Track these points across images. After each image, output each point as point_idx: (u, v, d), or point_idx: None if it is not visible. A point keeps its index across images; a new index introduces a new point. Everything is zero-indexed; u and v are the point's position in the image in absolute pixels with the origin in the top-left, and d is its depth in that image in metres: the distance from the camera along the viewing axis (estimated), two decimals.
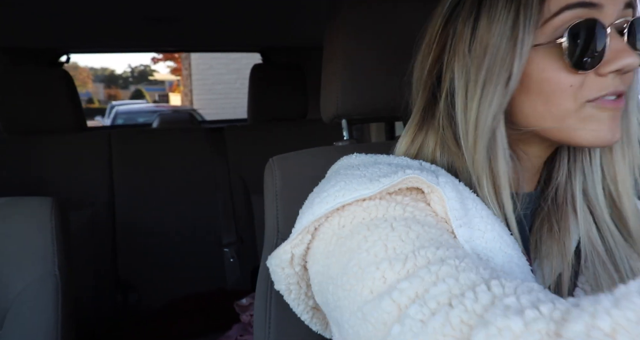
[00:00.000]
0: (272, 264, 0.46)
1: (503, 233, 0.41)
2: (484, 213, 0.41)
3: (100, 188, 1.65)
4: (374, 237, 0.37)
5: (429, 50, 0.47)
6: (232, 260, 1.73)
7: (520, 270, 0.39)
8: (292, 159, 0.71)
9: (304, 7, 1.41)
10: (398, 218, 0.38)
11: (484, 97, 0.42)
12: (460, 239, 0.38)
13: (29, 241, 0.78)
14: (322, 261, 0.41)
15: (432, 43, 0.47)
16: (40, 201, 0.81)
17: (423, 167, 0.45)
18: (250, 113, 1.88)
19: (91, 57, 14.66)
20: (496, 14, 0.41)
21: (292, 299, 0.48)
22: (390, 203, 0.40)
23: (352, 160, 0.49)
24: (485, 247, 0.39)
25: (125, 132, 1.80)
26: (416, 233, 0.36)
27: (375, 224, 0.38)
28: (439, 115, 0.47)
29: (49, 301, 0.76)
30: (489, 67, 0.41)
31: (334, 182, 0.43)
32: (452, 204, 0.40)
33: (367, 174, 0.43)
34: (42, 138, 1.60)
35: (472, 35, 0.42)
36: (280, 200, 0.67)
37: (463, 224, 0.39)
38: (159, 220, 1.70)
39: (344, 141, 0.81)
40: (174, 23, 1.55)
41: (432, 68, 0.47)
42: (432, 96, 0.48)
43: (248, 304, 1.41)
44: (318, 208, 0.41)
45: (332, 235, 0.40)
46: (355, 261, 0.36)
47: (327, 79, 0.75)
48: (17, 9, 1.27)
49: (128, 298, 1.64)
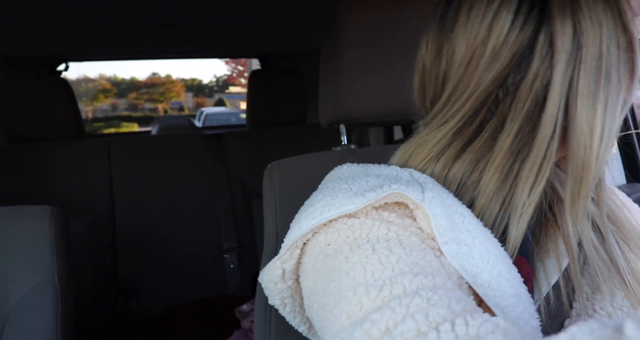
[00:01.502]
0: (264, 279, 0.45)
1: (492, 247, 0.40)
2: (471, 227, 0.40)
3: (100, 195, 1.65)
4: (355, 258, 0.37)
5: (492, 56, 0.41)
6: (232, 266, 1.73)
7: (510, 284, 0.38)
8: (291, 164, 0.71)
9: (302, 13, 1.42)
10: (381, 239, 0.38)
11: (608, 107, 0.38)
12: (447, 256, 0.38)
13: (28, 249, 0.78)
14: (311, 278, 0.41)
15: (499, 48, 0.40)
16: (40, 210, 0.81)
17: (412, 179, 0.43)
18: (249, 118, 1.89)
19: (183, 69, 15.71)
20: (597, 14, 0.38)
21: (287, 312, 0.48)
22: (375, 221, 0.39)
23: (343, 171, 0.48)
24: (473, 263, 0.38)
25: (124, 139, 1.81)
26: (397, 256, 0.36)
27: (357, 243, 0.38)
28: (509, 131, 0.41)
29: (49, 309, 0.76)
30: (606, 76, 0.38)
31: (321, 196, 0.43)
32: (437, 220, 0.39)
33: (353, 188, 0.42)
34: (42, 146, 1.61)
35: (576, 38, 0.38)
36: (280, 206, 0.67)
37: (449, 240, 0.39)
38: (159, 226, 1.70)
39: (343, 146, 0.81)
40: (174, 30, 1.56)
41: (499, 77, 0.41)
42: (488, 108, 0.42)
43: (249, 310, 1.41)
44: (305, 223, 0.41)
45: (319, 252, 0.40)
46: (335, 282, 0.36)
47: (324, 84, 0.76)
48: (16, 18, 1.28)
49: (128, 305, 1.63)
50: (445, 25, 0.44)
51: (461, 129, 0.44)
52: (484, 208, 0.43)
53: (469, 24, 0.42)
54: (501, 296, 0.38)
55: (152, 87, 13.17)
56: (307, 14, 1.43)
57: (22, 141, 1.60)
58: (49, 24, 1.39)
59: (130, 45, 1.82)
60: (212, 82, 14.56)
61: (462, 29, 0.43)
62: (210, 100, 14.15)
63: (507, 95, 0.41)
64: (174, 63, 19.25)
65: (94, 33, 1.55)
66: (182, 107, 13.49)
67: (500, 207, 0.42)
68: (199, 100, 14.42)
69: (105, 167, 1.67)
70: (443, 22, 0.45)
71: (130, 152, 1.72)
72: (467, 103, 0.43)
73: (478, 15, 0.41)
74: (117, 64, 20.26)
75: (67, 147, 1.63)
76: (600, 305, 0.46)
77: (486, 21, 0.41)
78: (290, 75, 1.86)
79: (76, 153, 1.64)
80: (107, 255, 1.64)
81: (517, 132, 0.41)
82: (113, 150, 1.69)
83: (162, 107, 13.16)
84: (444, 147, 0.45)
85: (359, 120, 0.74)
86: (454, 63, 0.43)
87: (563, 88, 0.39)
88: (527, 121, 0.40)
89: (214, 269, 1.72)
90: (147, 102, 13.08)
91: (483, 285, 0.38)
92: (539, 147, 0.40)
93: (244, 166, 1.76)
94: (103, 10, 1.27)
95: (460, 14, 0.43)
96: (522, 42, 0.40)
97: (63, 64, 2.05)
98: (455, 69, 0.43)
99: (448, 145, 0.45)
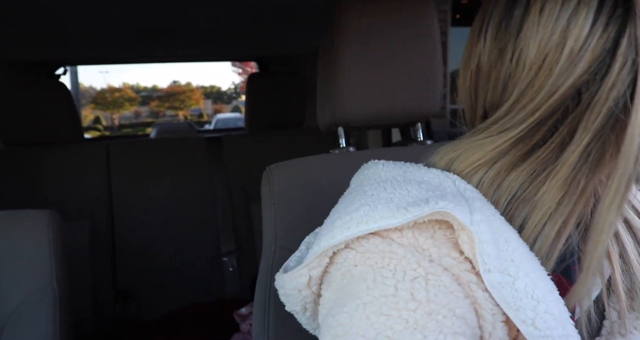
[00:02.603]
0: (287, 287, 0.43)
1: (538, 279, 0.36)
2: (516, 255, 0.36)
3: (98, 199, 1.64)
4: (375, 292, 0.35)
5: (570, 61, 0.38)
6: (231, 269, 1.72)
7: (557, 322, 0.35)
8: (289, 167, 0.71)
9: (300, 16, 1.42)
10: (407, 276, 0.36)
11: None
12: (488, 286, 0.35)
13: (26, 253, 0.78)
14: (336, 292, 0.39)
15: (577, 53, 0.37)
16: (38, 214, 0.81)
17: (458, 190, 0.40)
18: (247, 121, 1.89)
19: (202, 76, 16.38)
20: None
21: (307, 317, 0.46)
22: (406, 251, 0.37)
23: (380, 171, 0.45)
24: (515, 295, 0.35)
25: (123, 143, 1.80)
26: (417, 303, 0.34)
27: (382, 275, 0.36)
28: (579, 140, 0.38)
29: (48, 314, 0.76)
30: None
31: (358, 204, 0.40)
32: (483, 247, 0.36)
33: (394, 198, 0.39)
34: (40, 150, 1.61)
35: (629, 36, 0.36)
36: (278, 209, 0.67)
37: (492, 268, 0.36)
38: (158, 229, 1.69)
39: (341, 149, 0.81)
40: (172, 34, 1.56)
41: (575, 84, 0.38)
42: (559, 117, 0.39)
43: (247, 313, 1.41)
44: (339, 232, 0.38)
45: (347, 270, 0.38)
46: (349, 311, 0.35)
47: (322, 86, 0.76)
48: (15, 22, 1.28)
49: (127, 309, 1.63)
50: (510, 24, 0.41)
51: (524, 137, 0.40)
52: (538, 227, 0.39)
53: (540, 24, 0.38)
54: (546, 336, 0.34)
55: (173, 95, 13.68)
56: (305, 17, 1.43)
57: (21, 145, 1.60)
58: (48, 29, 1.39)
59: (128, 50, 1.82)
60: (231, 89, 15.07)
61: (532, 30, 0.39)
62: (227, 107, 14.66)
63: (580, 103, 0.38)
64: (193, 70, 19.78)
65: (92, 38, 1.55)
66: (202, 113, 14.09)
67: (561, 227, 0.38)
68: (218, 107, 14.98)
69: (103, 170, 1.67)
70: (507, 20, 0.41)
71: (129, 156, 1.72)
72: (537, 111, 0.39)
73: (552, 15, 0.38)
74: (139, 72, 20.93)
75: (65, 150, 1.63)
76: (635, 325, 0.43)
77: (561, 21, 0.37)
78: (288, 79, 1.86)
79: (75, 157, 1.64)
80: (106, 260, 1.63)
81: (587, 143, 0.38)
82: (112, 153, 1.69)
83: (182, 113, 13.59)
84: (501, 153, 0.41)
85: (357, 122, 0.75)
86: (522, 67, 0.40)
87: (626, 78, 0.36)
88: (601, 132, 0.37)
89: (213, 272, 1.72)
90: (168, 109, 13.55)
91: (526, 322, 0.35)
92: (623, 159, 0.36)
93: (243, 169, 1.76)
94: (101, 15, 1.28)
95: (530, 12, 0.39)
96: (604, 46, 0.36)
97: (61, 68, 2.05)
98: (523, 74, 0.40)
99: (506, 152, 0.41)
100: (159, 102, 13.79)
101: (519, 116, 0.40)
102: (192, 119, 12.74)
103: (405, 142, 0.88)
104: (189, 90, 13.87)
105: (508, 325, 0.36)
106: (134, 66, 5.10)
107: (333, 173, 0.70)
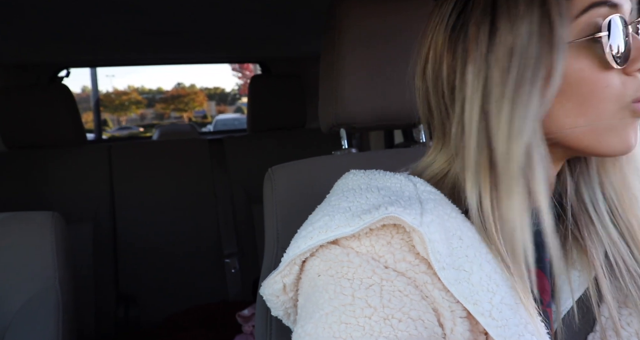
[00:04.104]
0: (266, 293, 0.46)
1: (492, 272, 0.38)
2: (470, 252, 0.39)
3: (100, 201, 1.65)
4: (335, 302, 0.37)
5: (438, 66, 0.44)
6: (233, 271, 1.72)
7: (513, 312, 0.37)
8: (290, 169, 0.71)
9: (302, 18, 1.43)
10: (362, 285, 0.38)
11: (518, 101, 0.39)
12: (445, 282, 0.37)
13: (29, 256, 0.78)
14: (303, 297, 0.42)
15: (440, 52, 0.44)
16: (41, 215, 0.81)
17: (416, 194, 0.42)
18: (249, 123, 1.89)
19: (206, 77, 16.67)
20: (518, 13, 0.39)
21: (291, 321, 0.48)
22: (362, 260, 0.39)
23: (349, 180, 0.47)
24: (472, 289, 0.37)
25: (125, 145, 1.81)
26: (372, 310, 0.36)
27: (341, 286, 0.38)
28: (456, 127, 0.43)
29: (50, 316, 0.76)
30: (519, 69, 0.39)
31: (321, 214, 0.43)
32: (434, 246, 0.38)
33: (352, 207, 0.41)
34: (42, 152, 1.61)
35: (490, 38, 0.40)
36: (280, 210, 0.67)
37: (446, 265, 0.38)
38: (160, 232, 1.70)
39: (343, 150, 0.81)
40: (174, 37, 1.57)
41: (448, 78, 0.44)
42: (445, 108, 0.45)
43: (250, 315, 1.41)
44: (302, 242, 0.41)
45: (312, 278, 0.41)
46: (314, 321, 0.37)
47: (324, 88, 0.76)
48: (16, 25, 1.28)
49: (129, 312, 1.63)
50: None
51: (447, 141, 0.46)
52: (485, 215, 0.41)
53: (421, 41, 0.47)
54: (504, 326, 0.36)
55: (177, 97, 14.01)
56: (308, 19, 1.43)
57: (23, 147, 1.60)
58: (49, 32, 1.39)
59: (130, 52, 1.82)
60: (235, 90, 15.32)
61: (418, 46, 0.47)
62: (231, 108, 14.93)
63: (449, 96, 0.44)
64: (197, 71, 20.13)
65: (94, 40, 1.56)
66: (206, 115, 14.48)
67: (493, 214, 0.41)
68: (221, 108, 15.31)
69: (106, 173, 1.67)
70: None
71: (131, 158, 1.72)
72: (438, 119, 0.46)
73: (425, 32, 0.46)
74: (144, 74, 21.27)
75: (68, 153, 1.64)
76: (627, 321, 0.44)
77: (427, 37, 0.46)
78: (290, 80, 1.87)
79: (77, 159, 1.65)
80: (108, 262, 1.64)
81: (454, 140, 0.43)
82: (114, 156, 1.70)
83: (186, 115, 13.89)
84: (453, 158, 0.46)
85: (359, 124, 0.75)
86: (416, 77, 0.48)
87: (477, 88, 0.41)
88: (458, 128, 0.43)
89: (215, 274, 1.72)
90: (173, 111, 13.85)
91: (484, 314, 0.36)
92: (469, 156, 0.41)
93: (245, 171, 1.76)
94: (103, 18, 1.28)
95: (423, 32, 0.47)
96: (450, 55, 0.43)
97: (64, 70, 2.06)
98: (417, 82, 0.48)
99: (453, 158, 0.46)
100: (164, 105, 14.07)
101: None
102: (196, 121, 12.98)
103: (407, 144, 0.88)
104: (192, 92, 14.15)
105: (470, 320, 0.38)
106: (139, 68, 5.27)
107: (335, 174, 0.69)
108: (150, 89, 14.43)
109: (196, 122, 11.44)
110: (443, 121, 0.46)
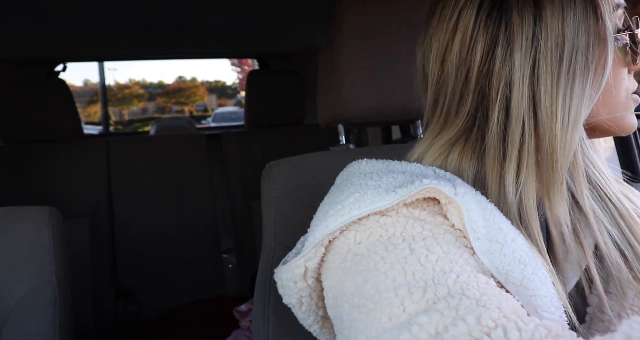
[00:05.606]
0: (283, 278, 0.44)
1: (523, 245, 0.39)
2: (502, 225, 0.39)
3: (98, 196, 1.64)
4: (392, 258, 0.36)
5: (466, 50, 0.43)
6: (231, 266, 1.73)
7: (542, 284, 0.38)
8: (288, 165, 0.71)
9: (301, 13, 1.42)
10: (417, 237, 0.37)
11: (573, 91, 0.40)
12: (478, 252, 0.37)
13: (26, 250, 0.78)
14: (337, 276, 0.39)
15: (470, 41, 0.43)
16: (39, 210, 0.81)
17: (438, 175, 0.43)
18: (247, 119, 1.89)
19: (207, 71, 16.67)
20: (563, 2, 0.40)
21: (302, 311, 0.46)
22: (407, 219, 0.39)
23: (364, 166, 0.47)
24: (504, 260, 0.38)
25: (123, 140, 1.81)
26: (436, 255, 0.35)
27: (393, 243, 0.37)
28: (492, 120, 0.43)
29: (47, 311, 0.76)
30: (571, 59, 0.40)
31: (347, 193, 0.41)
32: (470, 215, 0.38)
33: (382, 184, 0.41)
34: (40, 147, 1.60)
35: (536, 25, 0.40)
36: (277, 206, 0.67)
37: (481, 236, 0.38)
38: (158, 227, 1.70)
39: (341, 146, 0.81)
40: (172, 31, 1.56)
41: (480, 68, 0.43)
42: (461, 93, 0.45)
43: (247, 310, 1.41)
44: (332, 221, 0.40)
45: (348, 250, 0.39)
46: (372, 283, 0.35)
47: (322, 84, 0.76)
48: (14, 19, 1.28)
49: (127, 307, 1.63)
50: (424, 28, 0.48)
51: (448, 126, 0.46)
52: (509, 198, 0.42)
53: (439, 25, 0.45)
54: (534, 295, 0.37)
55: (179, 91, 14.18)
56: (306, 15, 1.43)
57: (21, 142, 1.60)
58: (47, 26, 1.38)
59: (128, 46, 1.82)
60: (235, 84, 15.39)
61: (433, 31, 0.46)
62: (232, 101, 15.12)
63: (480, 90, 0.43)
64: (198, 65, 20.00)
65: (92, 34, 1.55)
66: (207, 108, 14.74)
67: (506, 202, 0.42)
68: (222, 102, 15.51)
69: (103, 167, 1.67)
70: (426, 24, 0.48)
71: (129, 153, 1.72)
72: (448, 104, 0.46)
73: (446, 16, 0.44)
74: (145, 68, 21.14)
75: (65, 148, 1.63)
76: (609, 305, 0.45)
77: (452, 21, 0.44)
78: (288, 76, 1.86)
79: (75, 154, 1.64)
80: (106, 257, 1.64)
81: (496, 124, 0.42)
82: (112, 150, 1.69)
83: (187, 109, 14.09)
84: (450, 145, 0.47)
85: (358, 119, 0.75)
86: (430, 62, 0.47)
87: (525, 74, 0.41)
88: (501, 113, 0.42)
89: (213, 270, 1.72)
90: (174, 105, 14.02)
91: (515, 284, 0.37)
92: (514, 139, 0.42)
93: (242, 166, 1.76)
94: (101, 12, 1.27)
95: (434, 15, 0.46)
96: (486, 39, 0.42)
97: (61, 64, 2.05)
98: (433, 68, 0.47)
99: (453, 143, 0.46)
100: (166, 98, 14.25)
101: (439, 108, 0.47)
102: (197, 114, 13.12)
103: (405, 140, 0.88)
104: (193, 86, 14.33)
105: None
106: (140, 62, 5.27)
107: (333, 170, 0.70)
108: (151, 82, 14.52)
109: (197, 116, 11.50)
110: (451, 106, 0.46)
